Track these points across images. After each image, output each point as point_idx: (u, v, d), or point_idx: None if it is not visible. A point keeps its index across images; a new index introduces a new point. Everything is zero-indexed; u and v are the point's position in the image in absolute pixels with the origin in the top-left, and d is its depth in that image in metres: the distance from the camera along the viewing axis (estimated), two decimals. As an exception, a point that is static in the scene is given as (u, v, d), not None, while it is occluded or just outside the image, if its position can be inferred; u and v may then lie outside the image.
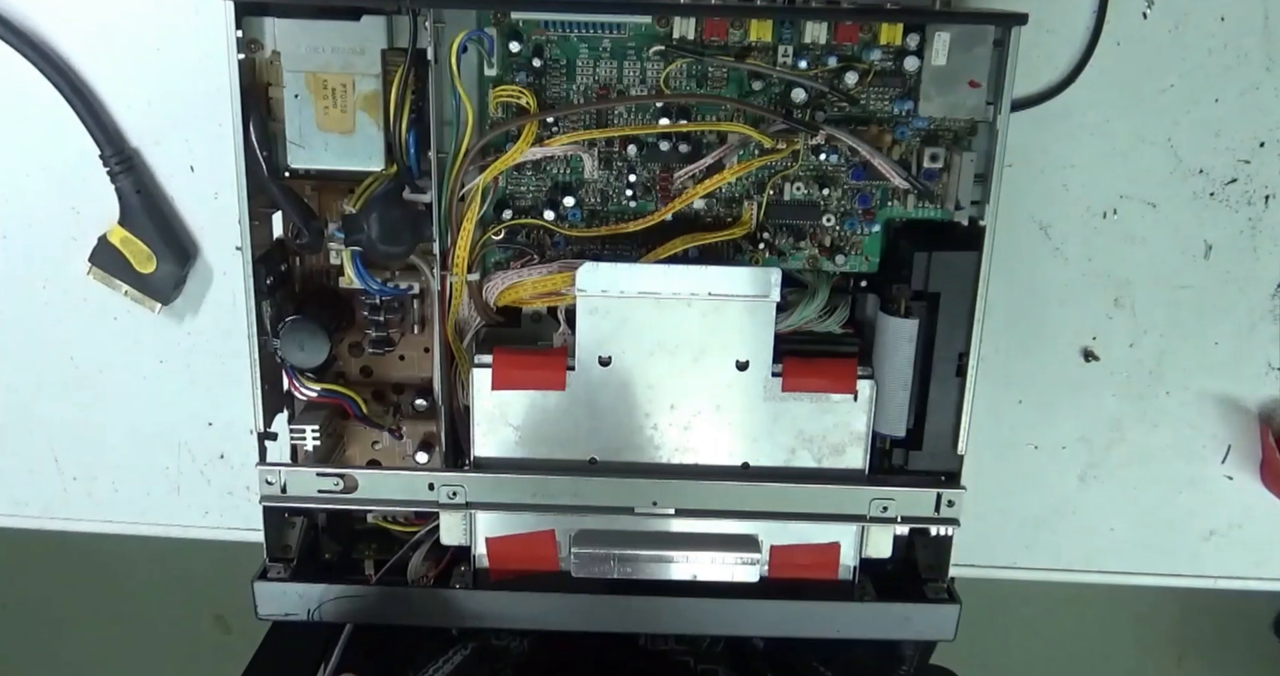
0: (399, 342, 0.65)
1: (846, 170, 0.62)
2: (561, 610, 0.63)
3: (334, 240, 0.61)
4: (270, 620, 0.64)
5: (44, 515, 0.77)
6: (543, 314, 0.64)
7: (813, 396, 0.61)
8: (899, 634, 0.65)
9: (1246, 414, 0.73)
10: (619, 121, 0.61)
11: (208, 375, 0.73)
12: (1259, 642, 1.71)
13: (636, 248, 0.63)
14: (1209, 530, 0.76)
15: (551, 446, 0.62)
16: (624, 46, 0.60)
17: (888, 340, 0.61)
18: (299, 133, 0.58)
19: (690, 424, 0.62)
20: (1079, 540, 0.76)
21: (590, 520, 0.62)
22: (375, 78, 0.57)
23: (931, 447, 0.63)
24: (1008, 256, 0.68)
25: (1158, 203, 0.69)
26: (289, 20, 0.57)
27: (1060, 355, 0.72)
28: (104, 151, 0.67)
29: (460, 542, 0.63)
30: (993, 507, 0.75)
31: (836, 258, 0.63)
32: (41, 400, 0.74)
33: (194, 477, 0.76)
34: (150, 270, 0.69)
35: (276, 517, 0.63)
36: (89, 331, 0.72)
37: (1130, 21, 0.65)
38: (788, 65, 0.59)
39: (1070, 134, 0.67)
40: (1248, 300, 0.71)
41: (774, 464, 0.62)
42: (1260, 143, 0.68)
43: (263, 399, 0.61)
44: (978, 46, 0.59)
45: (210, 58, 0.58)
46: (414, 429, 0.67)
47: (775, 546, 0.63)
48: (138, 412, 0.74)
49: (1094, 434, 0.74)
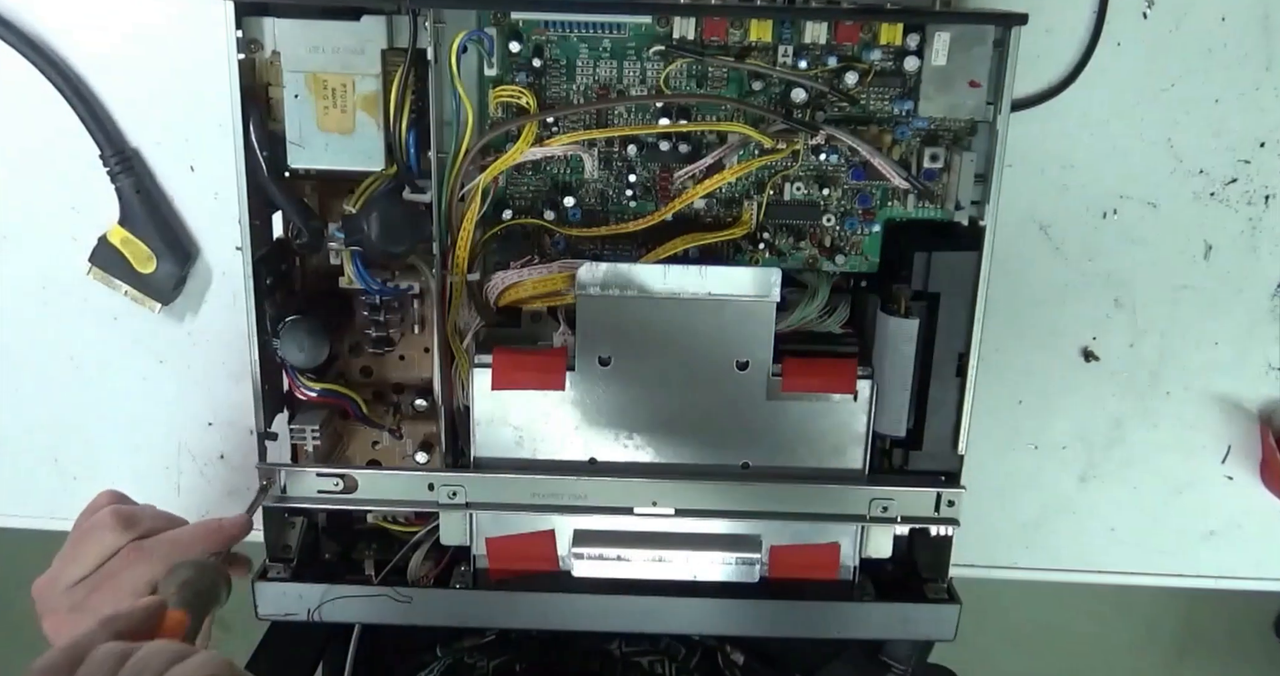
0: (399, 342, 0.65)
1: (846, 170, 0.62)
2: (561, 610, 0.63)
3: (334, 240, 0.61)
4: (270, 620, 0.64)
5: (44, 515, 0.77)
6: (543, 314, 0.64)
7: (813, 396, 0.61)
8: (899, 634, 0.65)
9: (1246, 414, 0.73)
10: (619, 121, 0.61)
11: (208, 375, 0.73)
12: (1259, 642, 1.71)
13: (636, 248, 0.63)
14: (1209, 530, 0.76)
15: (551, 446, 0.62)
16: (624, 46, 0.60)
17: (888, 340, 0.61)
18: (299, 133, 0.58)
19: (690, 424, 0.62)
20: (1079, 540, 0.76)
21: (590, 520, 0.62)
22: (375, 78, 0.57)
23: (931, 447, 0.63)
24: (1008, 256, 0.68)
25: (1158, 203, 0.69)
26: (289, 20, 0.57)
27: (1060, 355, 0.72)
28: (104, 151, 0.67)
29: (460, 542, 0.63)
30: (993, 507, 0.75)
31: (836, 258, 0.63)
32: (41, 400, 0.74)
33: (194, 477, 0.76)
34: (150, 270, 0.69)
35: (276, 517, 0.63)
36: (89, 331, 0.72)
37: (1130, 21, 0.65)
38: (788, 65, 0.59)
39: (1070, 134, 0.67)
40: (1248, 300, 0.71)
41: (774, 464, 0.62)
42: (1260, 143, 0.68)
43: (263, 399, 0.61)
44: (978, 46, 0.59)
45: (210, 58, 0.57)
46: (414, 429, 0.67)
47: (775, 546, 0.63)
48: (138, 412, 0.74)
49: (1094, 434, 0.74)
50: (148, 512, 0.59)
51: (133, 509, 0.58)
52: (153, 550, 0.56)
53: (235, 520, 0.60)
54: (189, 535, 0.58)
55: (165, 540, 0.56)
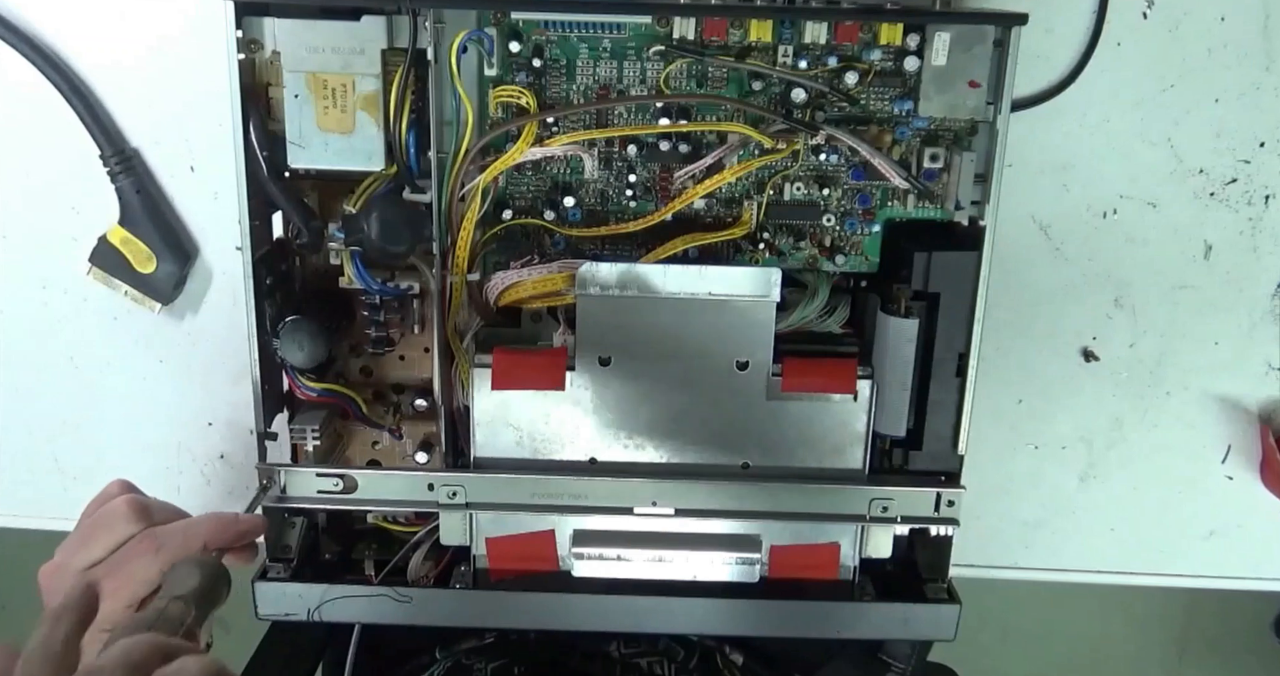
0: (399, 343, 0.65)
1: (846, 170, 0.62)
2: (561, 610, 0.63)
3: (334, 240, 0.61)
4: (270, 620, 0.64)
5: (44, 515, 0.77)
6: (543, 314, 0.64)
7: (813, 396, 0.61)
8: (899, 634, 0.65)
9: (1246, 414, 0.73)
10: (619, 121, 0.61)
11: (208, 375, 0.73)
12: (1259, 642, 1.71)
13: (636, 248, 0.63)
14: (1209, 530, 0.76)
15: (551, 446, 0.62)
16: (624, 46, 0.60)
17: (888, 340, 0.61)
18: (299, 133, 0.58)
19: (690, 424, 0.62)
20: (1079, 540, 0.76)
21: (590, 520, 0.62)
22: (375, 78, 0.57)
23: (931, 448, 0.63)
24: (1008, 256, 0.68)
25: (1158, 203, 0.69)
26: (289, 20, 0.57)
27: (1060, 355, 0.72)
28: (104, 151, 0.67)
29: (460, 542, 0.63)
30: (993, 507, 0.75)
31: (836, 258, 0.63)
32: (41, 400, 0.74)
33: (194, 477, 0.76)
34: (150, 270, 0.69)
35: (276, 517, 0.63)
36: (89, 331, 0.72)
37: (1130, 21, 0.65)
38: (788, 65, 0.59)
39: (1070, 134, 0.67)
40: (1248, 300, 0.71)
41: (774, 464, 0.62)
42: (1260, 143, 0.68)
43: (263, 399, 0.61)
44: (978, 46, 0.59)
45: (210, 58, 0.57)
46: (414, 429, 0.67)
47: (775, 546, 0.63)
48: (138, 412, 0.74)
49: (1094, 434, 0.74)
50: (161, 505, 0.59)
51: (147, 500, 0.59)
52: (165, 538, 0.56)
53: (250, 517, 0.60)
54: (202, 526, 0.57)
55: (178, 529, 0.56)
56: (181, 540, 0.56)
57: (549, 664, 0.73)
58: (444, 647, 0.73)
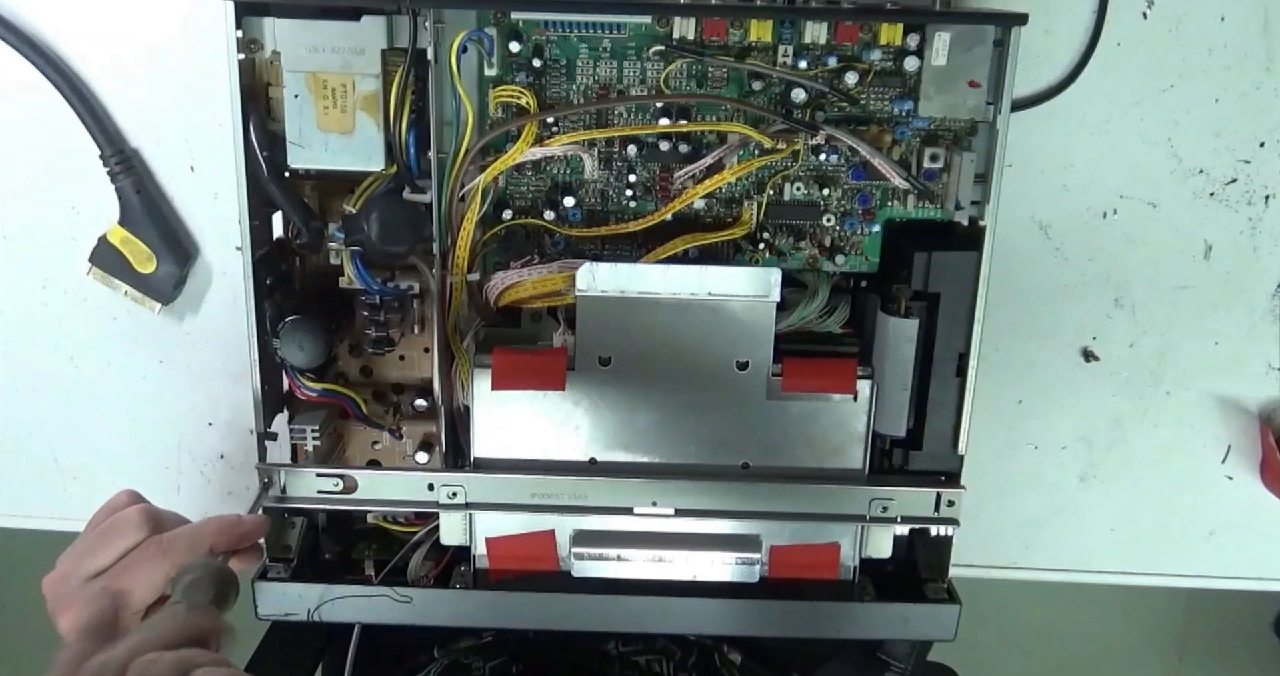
0: (399, 343, 0.65)
1: (846, 170, 0.62)
2: (561, 610, 0.63)
3: (334, 240, 0.61)
4: (270, 620, 0.64)
5: (44, 515, 0.77)
6: (543, 314, 0.64)
7: (812, 396, 0.61)
8: (899, 634, 0.65)
9: (1246, 414, 0.73)
10: (619, 121, 0.61)
11: (208, 375, 0.73)
12: (1259, 642, 1.71)
13: (636, 248, 0.63)
14: (1209, 530, 0.76)
15: (551, 446, 0.62)
16: (624, 46, 0.60)
17: (888, 340, 0.61)
18: (299, 133, 0.58)
19: (690, 424, 0.62)
20: (1079, 540, 0.76)
21: (590, 520, 0.62)
22: (375, 78, 0.57)
23: (931, 448, 0.63)
24: (1008, 256, 0.68)
25: (1158, 203, 0.69)
26: (289, 20, 0.57)
27: (1060, 355, 0.72)
28: (104, 151, 0.67)
29: (460, 542, 0.63)
30: (993, 507, 0.75)
31: (836, 258, 0.63)
32: (41, 400, 0.74)
33: (194, 477, 0.76)
34: (150, 270, 0.69)
35: (276, 517, 0.63)
36: (89, 331, 0.72)
37: (1130, 21, 0.65)
38: (788, 65, 0.59)
39: (1070, 134, 0.67)
40: (1248, 300, 0.71)
41: (774, 464, 0.62)
42: (1260, 143, 0.68)
43: (263, 399, 0.61)
44: (978, 46, 0.59)
45: (210, 58, 0.57)
46: (414, 429, 0.67)
47: (775, 546, 0.63)
48: (138, 413, 0.74)
49: (1094, 434, 0.74)
50: (170, 515, 0.59)
51: (158, 510, 0.59)
52: (172, 543, 0.56)
53: (252, 518, 0.60)
54: (207, 529, 0.58)
55: (184, 534, 0.57)
56: (187, 544, 0.56)
57: (547, 662, 0.73)
58: (442, 646, 0.73)
